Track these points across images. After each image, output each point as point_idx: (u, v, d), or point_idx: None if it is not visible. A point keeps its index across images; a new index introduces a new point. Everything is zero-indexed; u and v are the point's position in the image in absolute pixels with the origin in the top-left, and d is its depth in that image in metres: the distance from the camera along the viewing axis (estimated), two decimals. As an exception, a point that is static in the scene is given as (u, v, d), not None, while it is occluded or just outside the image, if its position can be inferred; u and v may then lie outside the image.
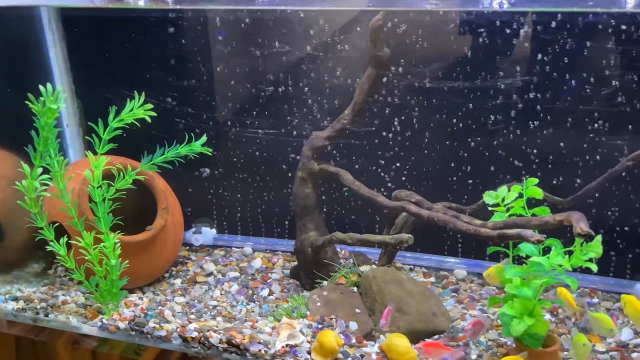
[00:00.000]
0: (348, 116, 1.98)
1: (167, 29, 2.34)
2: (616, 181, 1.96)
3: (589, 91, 1.96)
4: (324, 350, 1.76)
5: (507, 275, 1.62)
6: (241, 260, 2.44)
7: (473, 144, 2.16)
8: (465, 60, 2.06)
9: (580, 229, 1.42)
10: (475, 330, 1.77)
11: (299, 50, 2.24)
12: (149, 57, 2.38)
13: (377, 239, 1.85)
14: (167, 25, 2.33)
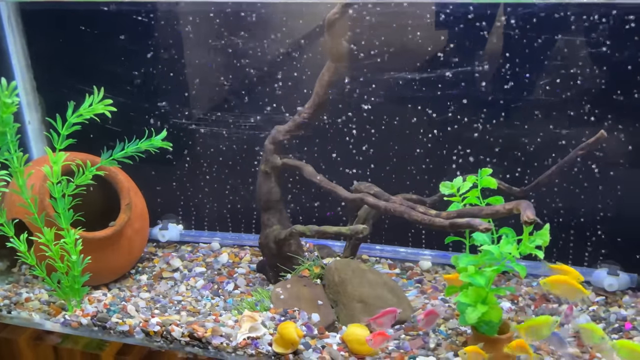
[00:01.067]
0: (308, 110, 2.01)
1: (129, 23, 2.35)
2: (569, 170, 2.03)
3: (536, 82, 2.04)
4: (284, 341, 1.80)
5: (460, 264, 1.68)
6: (208, 256, 2.47)
7: (432, 136, 2.22)
8: (422, 53, 2.12)
9: (527, 216, 1.48)
10: (428, 320, 1.81)
11: (264, 44, 2.27)
12: (111, 52, 2.38)
13: (333, 230, 1.89)
14: (130, 19, 2.34)
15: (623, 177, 2.09)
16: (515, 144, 2.15)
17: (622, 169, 2.07)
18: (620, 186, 2.10)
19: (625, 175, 2.08)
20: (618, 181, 2.09)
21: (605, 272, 2.11)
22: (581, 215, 2.16)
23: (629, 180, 2.09)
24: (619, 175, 2.09)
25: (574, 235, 2.18)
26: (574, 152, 1.84)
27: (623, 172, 2.08)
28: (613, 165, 2.07)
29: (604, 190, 2.11)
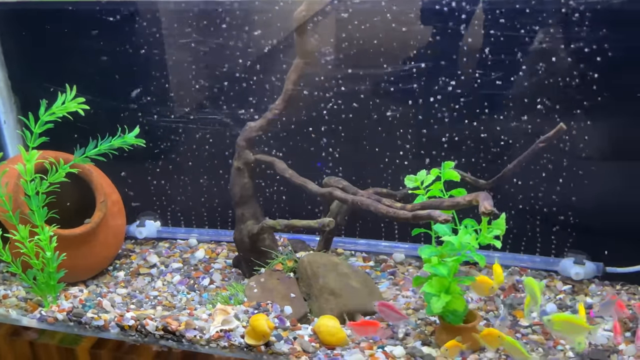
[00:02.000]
0: (279, 106, 2.07)
1: (102, 23, 2.38)
2: (534, 162, 2.12)
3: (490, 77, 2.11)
4: (256, 333, 1.86)
5: (423, 255, 1.75)
6: (185, 252, 2.53)
7: (403, 131, 2.28)
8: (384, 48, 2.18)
9: (485, 207, 1.54)
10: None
11: (239, 41, 2.32)
12: (86, 51, 2.41)
13: (302, 224, 1.95)
14: (103, 18, 2.38)
15: (589, 168, 2.16)
16: (485, 138, 2.23)
17: (588, 160, 2.15)
18: (586, 177, 2.16)
19: (591, 166, 2.16)
20: (584, 172, 2.16)
21: (572, 262, 2.20)
22: (548, 206, 2.22)
23: (595, 171, 2.16)
24: (584, 166, 2.16)
25: (541, 226, 2.26)
26: (535, 144, 1.90)
27: (589, 163, 2.15)
28: (579, 157, 2.15)
29: (570, 181, 2.17)
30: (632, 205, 2.12)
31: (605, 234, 2.18)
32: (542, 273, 2.28)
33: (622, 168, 2.15)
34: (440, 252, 1.75)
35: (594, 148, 2.13)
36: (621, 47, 1.98)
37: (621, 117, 2.08)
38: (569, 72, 2.04)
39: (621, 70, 2.02)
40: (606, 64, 2.00)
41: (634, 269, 2.11)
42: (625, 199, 2.14)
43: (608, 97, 2.05)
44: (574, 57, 2.02)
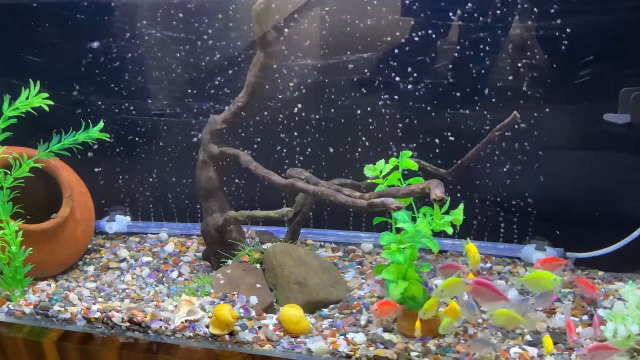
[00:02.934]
0: (243, 98, 2.12)
1: (64, 17, 2.42)
2: (497, 153, 2.19)
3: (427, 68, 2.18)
4: (220, 323, 1.91)
5: (382, 242, 1.80)
6: (155, 246, 2.58)
7: (369, 123, 2.34)
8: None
9: (435, 195, 1.60)
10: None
11: (203, 35, 2.36)
12: (48, 45, 2.44)
13: (263, 215, 2.00)
14: (64, 12, 2.42)
15: (549, 157, 2.23)
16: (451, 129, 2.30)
17: (550, 150, 2.22)
18: (548, 166, 2.24)
19: (553, 155, 2.22)
20: (546, 162, 2.23)
21: (534, 248, 2.27)
22: (511, 195, 2.29)
23: (556, 160, 2.23)
24: (545, 155, 2.23)
25: (505, 214, 2.33)
26: (491, 133, 1.97)
27: (550, 152, 2.22)
28: (541, 147, 2.22)
29: (532, 170, 2.24)
30: (591, 193, 2.20)
31: (567, 221, 2.26)
32: (506, 260, 2.35)
33: (582, 157, 2.22)
34: (399, 239, 1.81)
35: (556, 138, 2.20)
36: (571, 39, 2.07)
37: (581, 108, 2.13)
38: (527, 63, 2.11)
39: (575, 62, 2.09)
40: (561, 54, 2.09)
41: (593, 254, 2.19)
42: (585, 188, 2.21)
43: (567, 88, 2.12)
44: (530, 48, 2.09)
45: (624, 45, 2.02)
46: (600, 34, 2.02)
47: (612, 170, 2.18)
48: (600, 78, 2.07)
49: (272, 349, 1.89)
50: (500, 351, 1.84)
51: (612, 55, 2.05)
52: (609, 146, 2.16)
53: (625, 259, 2.14)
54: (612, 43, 2.03)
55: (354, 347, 1.84)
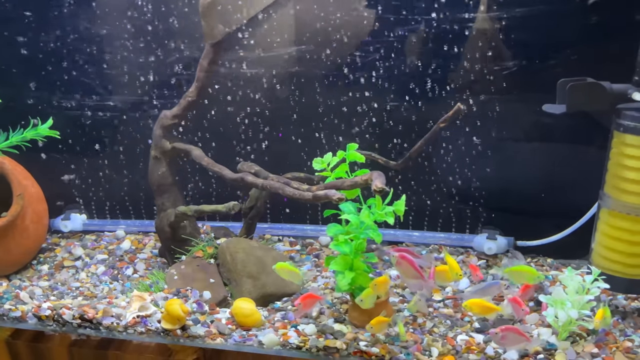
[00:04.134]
0: (193, 92, 2.16)
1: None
2: (436, 142, 2.26)
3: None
4: (171, 317, 1.95)
5: (329, 233, 1.86)
6: (111, 243, 2.61)
7: (325, 116, 2.39)
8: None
9: (376, 185, 1.66)
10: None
11: (151, 28, 2.39)
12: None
13: (210, 208, 2.06)
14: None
15: (500, 148, 2.30)
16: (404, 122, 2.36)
17: (499, 141, 2.28)
18: (498, 157, 2.30)
19: (501, 145, 2.29)
20: (496, 153, 2.30)
21: (485, 237, 2.35)
22: (463, 185, 2.36)
23: (505, 151, 2.30)
24: (496, 145, 2.30)
25: (457, 204, 2.40)
26: (436, 125, 2.05)
27: (499, 143, 2.29)
28: (491, 138, 2.29)
29: (483, 161, 2.31)
30: (540, 183, 2.28)
31: (517, 210, 2.34)
32: (459, 249, 2.43)
33: (532, 148, 2.29)
34: (346, 230, 1.87)
35: (505, 129, 2.27)
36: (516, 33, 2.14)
37: (529, 99, 2.19)
38: (475, 57, 2.18)
39: (524, 53, 2.16)
40: (511, 45, 2.15)
41: (541, 241, 2.28)
42: (534, 177, 2.29)
43: (515, 79, 2.18)
44: (477, 42, 2.16)
45: (571, 37, 2.11)
46: (543, 26, 2.10)
47: (560, 160, 2.25)
48: (548, 69, 2.14)
49: (224, 342, 1.94)
50: (447, 338, 1.92)
51: (558, 47, 2.12)
52: (557, 136, 2.24)
53: (573, 245, 2.22)
54: (557, 35, 2.12)
55: (304, 338, 1.90)
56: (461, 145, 2.32)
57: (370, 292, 1.82)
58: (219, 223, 2.60)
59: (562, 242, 2.26)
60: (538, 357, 1.79)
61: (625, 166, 1.79)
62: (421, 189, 2.41)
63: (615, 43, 2.02)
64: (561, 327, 1.86)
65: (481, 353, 1.84)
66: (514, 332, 1.73)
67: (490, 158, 2.31)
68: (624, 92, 1.75)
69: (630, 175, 1.78)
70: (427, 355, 1.83)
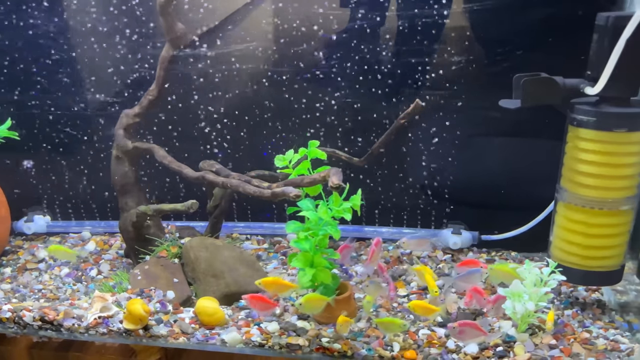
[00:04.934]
0: (153, 91, 2.19)
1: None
2: (396, 138, 2.28)
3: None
4: (133, 317, 1.97)
5: (288, 230, 1.89)
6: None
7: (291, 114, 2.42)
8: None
9: (332, 182, 1.70)
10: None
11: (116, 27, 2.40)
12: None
13: (169, 207, 2.08)
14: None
15: (464, 144, 2.35)
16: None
17: (463, 137, 2.34)
18: (462, 153, 2.36)
19: (466, 143, 2.34)
20: (460, 149, 2.35)
21: (450, 232, 2.40)
22: (428, 181, 2.41)
23: (469, 147, 2.35)
24: (460, 143, 2.35)
25: (422, 199, 2.45)
26: (396, 121, 2.09)
27: (464, 138, 2.34)
28: (455, 134, 2.33)
29: (447, 156, 2.36)
30: (504, 177, 2.34)
31: (481, 205, 2.39)
32: (425, 245, 2.50)
33: (494, 144, 2.34)
34: (305, 227, 1.91)
35: (469, 125, 2.32)
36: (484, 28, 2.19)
37: (492, 95, 2.20)
38: (434, 52, 2.23)
39: (488, 50, 2.21)
40: (476, 42, 2.21)
41: (505, 235, 2.33)
42: (498, 172, 2.34)
43: (479, 76, 2.24)
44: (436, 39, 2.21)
45: (534, 34, 2.17)
46: (503, 21, 2.16)
47: (524, 154, 2.31)
48: (512, 66, 2.18)
49: (187, 341, 1.97)
50: (409, 332, 1.97)
51: (521, 44, 2.17)
52: (522, 131, 2.28)
53: (537, 238, 2.27)
54: (517, 30, 2.17)
55: (266, 336, 1.94)
56: (426, 141, 2.36)
57: (313, 297, 1.85)
58: (186, 222, 2.63)
59: (526, 235, 2.32)
60: (497, 349, 1.85)
61: (579, 159, 1.84)
62: (387, 185, 2.46)
63: (571, 38, 2.08)
64: (520, 319, 1.92)
65: (442, 347, 1.88)
66: (471, 327, 1.78)
67: (455, 153, 2.36)
68: (576, 87, 1.80)
69: (584, 169, 1.83)
70: (389, 350, 1.89)
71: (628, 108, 1.79)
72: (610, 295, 2.14)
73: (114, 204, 2.65)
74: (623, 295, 2.12)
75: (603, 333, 1.92)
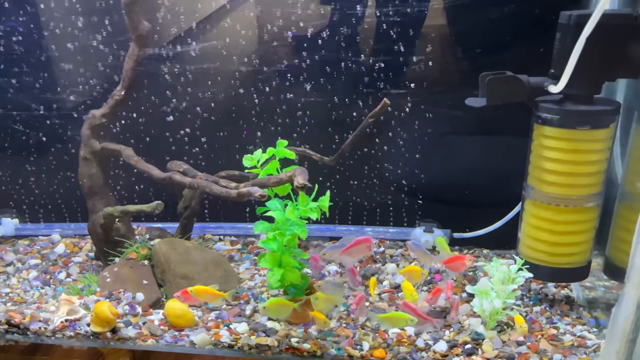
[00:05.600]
0: (120, 91, 2.19)
1: None
2: (366, 137, 2.31)
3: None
4: (100, 320, 1.97)
5: (256, 231, 1.91)
6: (45, 248, 2.61)
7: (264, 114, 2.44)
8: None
9: (297, 182, 1.72)
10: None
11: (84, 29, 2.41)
12: None
13: (135, 208, 2.09)
14: None
15: (436, 144, 2.38)
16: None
17: (435, 137, 2.37)
18: (434, 152, 2.39)
19: (437, 142, 2.38)
20: (432, 148, 2.39)
21: (422, 230, 2.44)
22: (401, 180, 2.44)
23: (441, 147, 2.38)
24: (432, 143, 2.38)
25: (395, 198, 2.48)
26: (365, 120, 2.12)
27: (437, 138, 2.37)
28: (426, 134, 2.37)
29: (420, 155, 2.40)
30: (477, 176, 2.36)
31: (453, 203, 2.43)
32: (398, 243, 2.52)
33: (467, 143, 2.37)
34: (273, 227, 1.92)
35: (440, 124, 2.35)
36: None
37: (464, 94, 2.27)
38: (402, 52, 2.26)
39: (459, 49, 2.26)
40: (448, 42, 2.25)
41: (476, 233, 2.37)
42: (470, 171, 2.37)
43: (449, 75, 2.27)
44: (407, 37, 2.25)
45: (503, 32, 2.20)
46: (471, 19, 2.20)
47: (497, 153, 2.35)
48: (481, 65, 2.20)
49: (155, 343, 1.98)
50: (379, 332, 1.99)
51: (496, 43, 2.22)
52: (494, 130, 2.32)
53: (508, 236, 2.30)
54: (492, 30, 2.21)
55: (235, 337, 1.95)
56: (398, 140, 2.39)
57: (277, 302, 1.86)
58: (157, 224, 2.61)
59: (498, 233, 2.36)
60: (466, 347, 1.88)
61: (544, 157, 1.88)
62: (359, 185, 2.48)
63: (540, 36, 2.12)
64: (488, 316, 1.96)
65: (411, 345, 1.91)
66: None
67: (428, 153, 2.39)
68: (540, 85, 1.84)
69: (549, 166, 1.87)
70: (359, 349, 1.91)
71: (591, 106, 1.83)
72: (579, 291, 2.18)
73: (84, 206, 2.67)
74: (591, 291, 2.16)
75: (570, 329, 1.97)
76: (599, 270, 2.10)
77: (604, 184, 1.90)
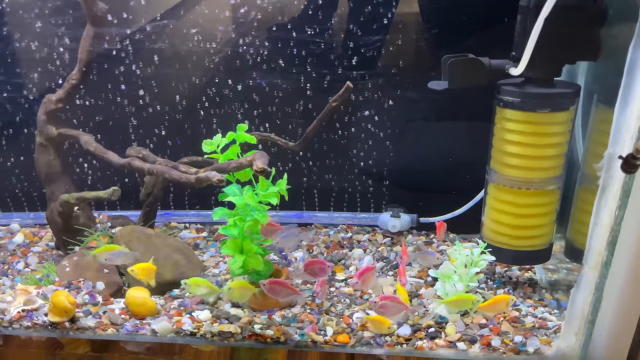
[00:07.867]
0: (76, 75, 2.18)
1: None
2: (330, 121, 2.34)
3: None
4: (58, 310, 1.99)
5: (215, 217, 1.93)
6: (3, 238, 2.59)
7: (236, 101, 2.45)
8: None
9: (256, 166, 1.74)
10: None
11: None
12: None
13: (92, 195, 2.09)
14: None
15: (403, 128, 2.42)
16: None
17: (401, 123, 2.41)
18: (400, 138, 2.43)
19: (404, 128, 2.42)
20: (397, 134, 2.42)
21: (389, 215, 2.48)
22: (367, 165, 2.48)
23: (407, 132, 2.42)
24: (398, 128, 2.42)
25: (362, 184, 2.52)
26: (328, 104, 2.14)
27: (403, 125, 2.42)
28: (393, 120, 2.41)
29: (386, 141, 2.43)
30: (442, 161, 2.41)
31: (420, 188, 2.48)
32: (365, 228, 2.56)
33: (432, 129, 2.42)
34: (232, 213, 1.95)
35: (407, 110, 2.38)
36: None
37: (429, 78, 2.31)
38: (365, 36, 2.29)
39: (428, 33, 2.28)
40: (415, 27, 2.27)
41: (442, 217, 2.41)
42: (435, 156, 2.42)
43: (416, 60, 2.31)
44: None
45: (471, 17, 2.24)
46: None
47: (462, 138, 2.39)
48: (449, 50, 2.26)
49: (116, 332, 2.00)
50: (343, 317, 2.03)
51: (462, 27, 2.25)
52: (459, 114, 2.37)
53: (473, 220, 2.35)
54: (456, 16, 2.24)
55: (197, 324, 1.98)
56: (365, 125, 2.42)
57: (242, 284, 1.89)
58: (120, 212, 2.63)
59: (464, 217, 2.41)
60: (429, 330, 1.93)
61: (506, 140, 1.92)
62: (326, 170, 2.51)
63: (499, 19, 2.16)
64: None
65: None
66: (392, 301, 1.85)
67: (394, 138, 2.43)
68: (502, 68, 1.88)
69: (511, 149, 1.92)
70: (322, 334, 1.95)
71: (551, 89, 1.87)
72: (542, 273, 2.25)
73: (43, 195, 2.66)
74: (554, 273, 2.23)
75: (532, 311, 2.04)
76: (561, 253, 2.17)
77: (565, 166, 1.96)
